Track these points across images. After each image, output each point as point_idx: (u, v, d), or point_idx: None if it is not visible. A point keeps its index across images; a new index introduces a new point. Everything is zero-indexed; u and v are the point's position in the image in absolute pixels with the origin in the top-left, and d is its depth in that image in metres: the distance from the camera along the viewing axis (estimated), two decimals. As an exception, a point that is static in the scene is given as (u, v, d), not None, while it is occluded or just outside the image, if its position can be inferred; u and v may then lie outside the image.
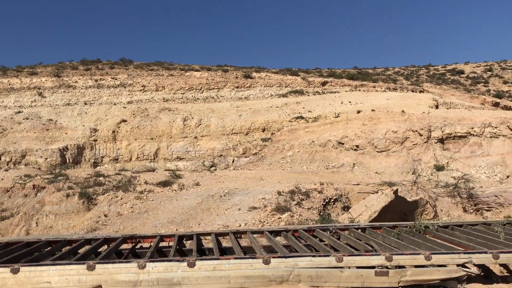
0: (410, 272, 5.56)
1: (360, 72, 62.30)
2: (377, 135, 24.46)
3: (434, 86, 58.93)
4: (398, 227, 7.83)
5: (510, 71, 76.73)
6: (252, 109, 35.23)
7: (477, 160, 21.87)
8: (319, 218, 10.48)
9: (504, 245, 6.47)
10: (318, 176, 19.87)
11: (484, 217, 15.83)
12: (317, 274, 5.43)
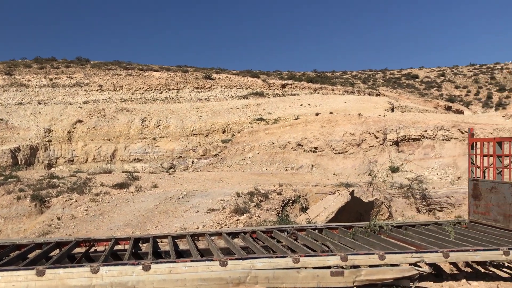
0: (365, 272, 5.66)
1: (319, 75, 63.26)
2: (335, 137, 24.89)
3: (390, 90, 60.59)
4: (354, 227, 7.98)
5: (461, 77, 79.94)
6: (212, 110, 35.07)
7: (430, 162, 22.62)
8: (277, 219, 10.54)
9: (454, 244, 6.71)
10: (277, 178, 19.99)
11: (437, 217, 16.38)
12: (274, 275, 5.45)
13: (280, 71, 63.80)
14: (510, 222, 7.54)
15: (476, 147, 8.59)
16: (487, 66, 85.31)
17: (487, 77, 77.09)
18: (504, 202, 7.67)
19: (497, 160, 8.03)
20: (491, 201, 7.99)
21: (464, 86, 73.62)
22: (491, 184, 7.99)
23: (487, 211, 8.10)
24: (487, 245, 6.60)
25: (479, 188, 8.30)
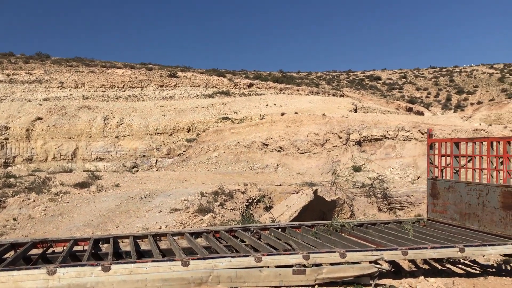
0: (326, 270, 5.73)
1: (285, 75, 63.69)
2: (300, 137, 25.12)
3: (353, 91, 61.71)
4: (316, 226, 8.07)
5: (422, 79, 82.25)
6: (177, 109, 34.72)
7: (391, 161, 23.16)
8: (241, 219, 10.53)
9: (412, 242, 6.87)
10: (242, 177, 19.99)
11: (397, 216, 16.79)
12: (236, 274, 5.44)
13: (246, 71, 63.90)
14: (466, 220, 7.79)
15: (435, 148, 8.85)
16: (446, 69, 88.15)
17: (447, 80, 79.65)
18: (460, 201, 7.92)
19: (454, 160, 8.29)
20: (448, 200, 8.24)
21: (424, 88, 75.79)
22: (449, 184, 8.24)
23: (444, 210, 8.36)
24: (444, 242, 6.79)
25: (437, 187, 8.54)
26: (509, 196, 6.90)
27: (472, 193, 7.64)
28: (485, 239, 7.02)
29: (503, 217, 7.01)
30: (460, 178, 8.18)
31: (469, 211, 7.71)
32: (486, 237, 7.10)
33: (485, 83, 74.09)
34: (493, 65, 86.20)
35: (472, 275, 7.17)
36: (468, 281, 6.62)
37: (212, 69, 52.89)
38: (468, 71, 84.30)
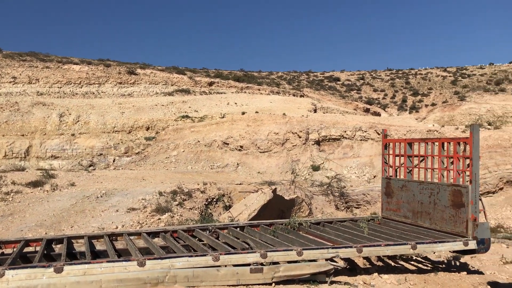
0: (283, 268, 5.79)
1: (246, 74, 63.77)
2: (260, 136, 25.23)
3: (313, 91, 62.55)
4: (275, 224, 8.14)
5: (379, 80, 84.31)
6: (136, 106, 34.10)
7: (349, 161, 23.65)
8: (199, 218, 10.48)
9: (367, 240, 7.04)
10: (202, 176, 19.88)
11: (354, 214, 17.18)
12: (194, 274, 5.41)
13: (207, 69, 63.54)
14: (418, 218, 8.05)
15: (389, 148, 9.09)
16: (402, 71, 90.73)
17: (403, 82, 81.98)
18: (413, 199, 8.18)
19: (407, 160, 8.55)
20: (401, 198, 8.49)
21: (381, 89, 77.72)
22: (402, 183, 8.49)
23: (398, 208, 8.61)
24: (397, 240, 6.99)
25: (391, 186, 8.79)
26: (458, 195, 7.18)
27: (424, 192, 7.90)
28: (436, 236, 7.27)
29: (453, 215, 7.29)
30: (413, 177, 8.44)
31: (421, 209, 7.97)
32: (437, 235, 7.36)
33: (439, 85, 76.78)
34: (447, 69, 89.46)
35: (423, 271, 7.43)
36: (419, 277, 6.86)
37: (173, 66, 52.25)
38: (423, 73, 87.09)
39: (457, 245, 6.93)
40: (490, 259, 9.90)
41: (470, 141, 7.08)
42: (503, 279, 7.64)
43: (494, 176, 21.95)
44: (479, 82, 74.11)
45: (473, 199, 6.97)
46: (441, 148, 7.77)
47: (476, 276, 7.34)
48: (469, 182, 7.05)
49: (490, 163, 22.27)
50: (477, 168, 7.03)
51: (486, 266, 8.95)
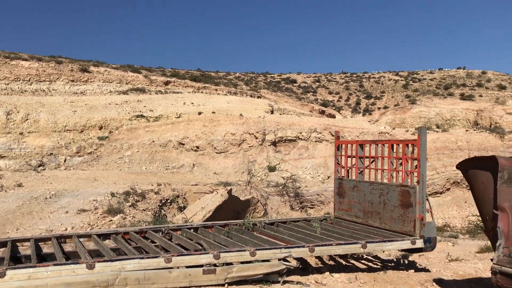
0: (236, 269, 5.79)
1: (203, 74, 63.38)
2: (217, 137, 25.15)
3: (270, 92, 62.98)
4: (229, 225, 8.12)
5: (334, 83, 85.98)
6: (88, 105, 33.16)
7: (304, 162, 23.98)
8: (152, 220, 10.31)
9: (319, 239, 7.14)
10: (157, 177, 19.58)
11: (308, 214, 17.42)
12: (145, 276, 5.32)
13: (163, 68, 62.66)
14: (369, 218, 8.26)
15: (342, 149, 9.28)
16: (357, 75, 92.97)
17: (357, 85, 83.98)
18: (364, 199, 8.39)
19: (359, 161, 8.75)
20: (353, 198, 8.68)
21: (336, 92, 79.31)
22: (354, 183, 8.69)
23: (349, 208, 8.80)
24: (348, 239, 7.14)
25: (343, 187, 8.97)
26: (406, 195, 7.42)
27: (374, 192, 8.11)
28: (385, 235, 7.47)
29: (401, 214, 7.53)
30: (364, 178, 8.64)
31: (372, 209, 8.18)
32: (386, 234, 7.56)
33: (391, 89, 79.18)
34: (399, 73, 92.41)
35: (373, 269, 7.63)
36: (369, 275, 7.03)
37: (127, 65, 51.16)
38: (376, 77, 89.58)
39: (405, 244, 7.15)
40: (437, 257, 10.32)
41: (418, 143, 7.33)
42: (448, 276, 7.95)
43: (442, 177, 22.87)
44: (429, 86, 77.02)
45: (421, 199, 7.22)
46: (391, 149, 8.01)
47: (423, 274, 7.60)
48: (417, 182, 7.30)
49: (438, 164, 23.19)
50: (424, 169, 7.29)
51: (433, 264, 9.31)
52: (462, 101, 59.67)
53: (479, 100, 59.89)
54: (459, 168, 5.39)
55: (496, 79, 78.54)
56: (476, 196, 5.16)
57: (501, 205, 4.62)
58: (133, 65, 51.78)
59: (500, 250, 4.48)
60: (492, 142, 25.54)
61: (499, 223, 4.57)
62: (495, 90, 68.11)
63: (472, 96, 62.41)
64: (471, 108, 54.34)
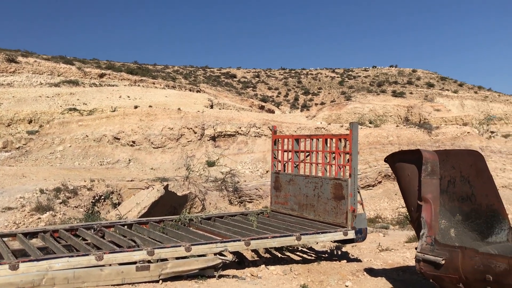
0: (171, 265, 5.72)
1: (140, 67, 61.82)
2: (154, 131, 24.65)
3: (210, 87, 62.60)
4: (165, 221, 8.00)
5: (273, 79, 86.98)
6: (16, 97, 31.31)
7: (243, 156, 24.08)
8: (84, 217, 9.94)
9: (255, 233, 7.20)
10: (90, 173, 18.87)
11: (247, 208, 17.52)
12: (74, 275, 5.13)
13: (98, 60, 60.44)
14: (304, 211, 8.44)
15: (278, 143, 9.42)
16: (295, 71, 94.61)
17: (295, 81, 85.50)
18: (299, 192, 8.56)
19: (295, 155, 8.92)
20: (289, 192, 8.84)
21: (275, 87, 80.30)
22: (289, 177, 8.84)
23: (286, 201, 8.95)
24: (283, 232, 7.25)
25: (279, 181, 9.11)
26: (339, 188, 7.65)
27: (309, 186, 8.30)
28: (319, 227, 7.67)
29: (334, 207, 7.76)
30: (299, 171, 8.82)
31: (307, 202, 8.37)
32: (320, 226, 7.77)
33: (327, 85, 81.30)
34: (335, 70, 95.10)
35: (308, 261, 7.82)
36: (304, 267, 7.20)
37: (59, 56, 48.83)
38: (314, 73, 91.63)
39: (338, 235, 7.38)
40: (368, 247, 10.73)
41: (350, 137, 7.58)
42: (378, 265, 8.31)
43: (374, 171, 23.84)
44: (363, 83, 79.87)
45: (352, 191, 7.48)
46: (325, 144, 8.22)
47: (354, 264, 7.89)
48: (349, 176, 7.55)
49: (371, 158, 24.15)
50: (356, 163, 7.55)
51: (364, 254, 9.68)
52: (394, 98, 62.46)
53: (409, 97, 62.90)
54: (387, 162, 5.62)
55: (425, 77, 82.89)
56: (403, 188, 5.41)
57: (424, 197, 4.88)
58: (66, 56, 49.57)
59: (423, 239, 4.74)
60: (421, 137, 26.96)
61: (423, 214, 4.83)
62: (424, 88, 71.85)
63: (403, 93, 65.42)
64: (402, 104, 57.03)
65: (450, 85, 75.99)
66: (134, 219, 8.66)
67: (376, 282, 6.60)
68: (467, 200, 5.52)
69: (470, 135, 28.93)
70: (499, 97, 65.80)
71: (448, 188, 5.34)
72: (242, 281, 6.11)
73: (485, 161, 5.74)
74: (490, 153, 27.85)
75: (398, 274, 7.32)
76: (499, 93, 70.67)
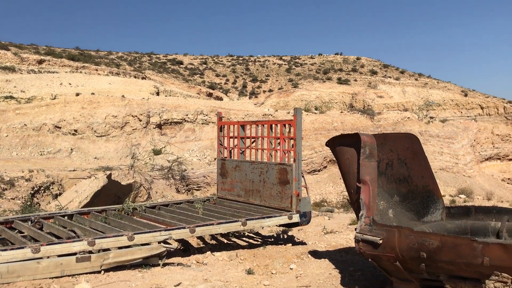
0: (113, 254, 5.60)
1: (82, 53, 59.45)
2: (97, 120, 23.88)
3: (156, 74, 61.28)
4: (107, 211, 7.80)
5: (221, 66, 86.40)
6: None
7: (190, 144, 23.85)
8: (20, 208, 9.50)
9: (201, 220, 7.17)
10: (30, 163, 18.05)
11: (194, 196, 17.41)
12: (8, 269, 4.91)
13: (37, 45, 57.53)
14: (250, 196, 8.49)
15: (224, 130, 9.38)
16: (243, 58, 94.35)
17: (243, 68, 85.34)
18: (245, 178, 8.59)
19: (240, 141, 8.92)
20: (235, 178, 8.85)
21: (223, 74, 79.82)
22: (236, 163, 8.85)
23: (232, 188, 8.96)
24: (229, 218, 7.26)
25: (226, 167, 9.10)
26: (284, 173, 7.74)
27: (255, 171, 8.35)
28: (265, 212, 7.75)
29: (279, 191, 7.85)
30: (245, 158, 8.84)
31: (253, 188, 8.42)
32: (266, 211, 7.85)
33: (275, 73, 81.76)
34: (282, 57, 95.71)
35: (254, 246, 7.89)
36: (249, 252, 7.25)
37: (-6, 41, 46.13)
38: (262, 61, 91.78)
39: (283, 219, 7.49)
40: (314, 230, 10.97)
41: (294, 123, 7.67)
42: (322, 247, 8.52)
43: (320, 156, 24.35)
44: (310, 71, 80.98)
45: (297, 176, 7.59)
46: (270, 130, 8.28)
47: (300, 247, 8.05)
48: (293, 160, 7.65)
49: (316, 144, 24.62)
50: (300, 148, 7.65)
51: (310, 237, 9.90)
52: (339, 85, 63.81)
53: (354, 84, 64.47)
54: (328, 146, 5.73)
55: (369, 64, 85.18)
56: (343, 171, 5.54)
57: (363, 179, 5.02)
58: (0, 41, 46.81)
59: (362, 220, 4.88)
60: (364, 123, 27.78)
61: (361, 195, 4.97)
62: (368, 75, 73.85)
63: (348, 81, 66.96)
64: (347, 91, 58.40)
65: (393, 73, 78.56)
66: (75, 210, 8.38)
67: (319, 264, 6.77)
68: (404, 182, 5.74)
69: (410, 120, 30.14)
70: (437, 84, 68.82)
71: (386, 170, 5.52)
72: (188, 268, 6.08)
73: (420, 144, 5.98)
74: (429, 137, 29.18)
75: (341, 255, 7.54)
76: (438, 80, 73.91)
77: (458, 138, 30.38)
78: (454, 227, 5.74)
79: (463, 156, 29.56)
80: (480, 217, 5.87)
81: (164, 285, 5.20)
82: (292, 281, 5.86)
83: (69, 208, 9.63)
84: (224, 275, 5.88)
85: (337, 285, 5.62)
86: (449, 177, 27.31)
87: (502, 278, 4.13)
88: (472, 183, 27.36)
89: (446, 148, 29.17)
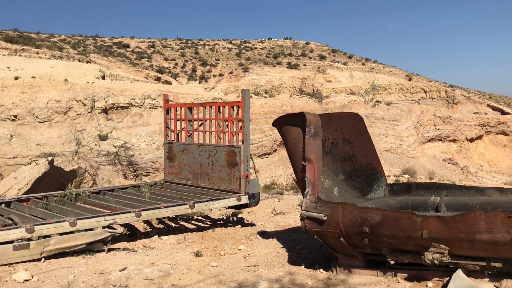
0: (54, 241, 5.40)
1: (21, 35, 56.49)
2: (39, 104, 22.82)
3: (101, 57, 59.21)
4: (48, 197, 7.50)
5: (170, 49, 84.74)
6: None
7: (138, 129, 23.31)
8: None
9: (148, 204, 7.02)
10: (-36, 151, 17.04)
11: (142, 182, 17.09)
12: None
13: (-30, 27, 54.00)
14: (199, 180, 8.40)
15: (171, 112, 9.20)
16: (192, 42, 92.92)
17: (192, 52, 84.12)
18: (193, 161, 8.49)
19: (188, 124, 8.78)
20: (183, 161, 8.72)
21: (172, 58, 78.36)
22: (183, 146, 8.72)
23: (180, 171, 8.83)
24: (177, 201, 7.16)
25: (173, 150, 8.94)
26: (232, 155, 7.71)
27: (203, 154, 8.26)
28: (213, 195, 7.70)
29: (228, 173, 7.82)
30: (193, 140, 8.72)
31: (201, 171, 8.34)
32: (215, 193, 7.80)
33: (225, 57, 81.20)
34: (232, 41, 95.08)
35: (202, 229, 7.85)
36: (198, 235, 7.21)
37: None
38: (211, 45, 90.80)
39: (231, 201, 7.48)
40: (263, 212, 11.04)
41: (242, 104, 7.62)
42: (271, 228, 8.59)
43: (270, 139, 24.51)
44: (260, 55, 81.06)
45: (245, 158, 7.58)
46: (218, 112, 8.19)
47: (249, 228, 8.09)
48: (242, 142, 7.63)
49: (266, 127, 24.74)
50: (248, 130, 7.63)
51: (259, 219, 9.96)
52: (289, 69, 64.25)
53: (303, 69, 65.19)
54: (275, 126, 5.73)
55: (318, 49, 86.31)
56: (289, 150, 5.57)
57: (308, 157, 5.07)
58: None
59: (307, 198, 4.94)
60: (312, 106, 28.15)
61: (307, 173, 5.02)
62: (317, 60, 74.87)
63: (297, 65, 67.61)
64: (296, 76, 58.90)
65: (341, 57, 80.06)
66: (12, 197, 7.98)
67: (267, 243, 6.83)
68: (349, 160, 5.86)
69: (357, 103, 30.89)
70: (383, 68, 70.88)
71: (331, 149, 5.61)
72: (134, 253, 5.96)
73: (364, 123, 6.11)
74: (375, 120, 30.04)
75: (289, 235, 7.64)
76: (384, 64, 76.11)
77: (402, 121, 31.46)
78: (396, 203, 5.94)
79: (407, 137, 30.68)
80: (420, 193, 6.11)
81: (109, 270, 5.07)
82: (240, 262, 5.87)
83: (7, 196, 9.18)
84: (171, 259, 5.81)
85: (284, 263, 5.69)
86: (394, 158, 28.30)
87: (439, 249, 4.31)
88: (416, 164, 28.50)
89: (391, 130, 30.16)
